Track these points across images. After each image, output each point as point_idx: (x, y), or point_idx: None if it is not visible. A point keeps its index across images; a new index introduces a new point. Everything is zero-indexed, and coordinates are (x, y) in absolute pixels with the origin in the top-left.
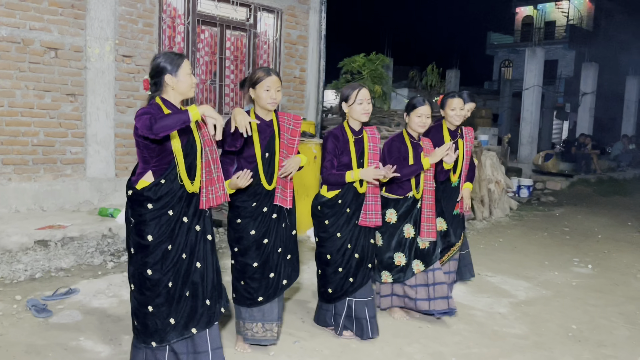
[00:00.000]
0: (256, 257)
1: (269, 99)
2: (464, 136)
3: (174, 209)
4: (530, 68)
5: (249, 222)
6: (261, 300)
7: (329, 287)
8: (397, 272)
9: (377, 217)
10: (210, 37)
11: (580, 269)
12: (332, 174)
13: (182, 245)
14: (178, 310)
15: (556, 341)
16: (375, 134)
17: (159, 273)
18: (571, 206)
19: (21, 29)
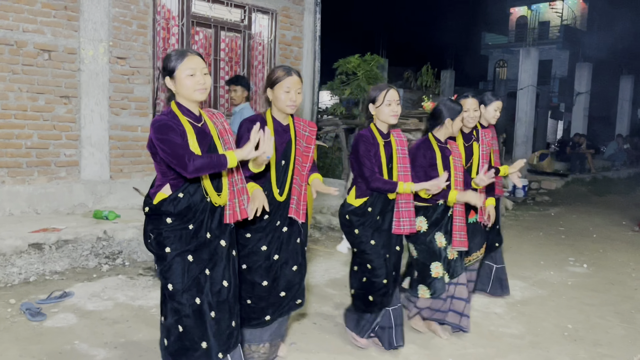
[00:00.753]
0: (266, 275)
1: (288, 101)
2: (480, 138)
3: (194, 223)
4: (525, 68)
5: (260, 236)
6: (268, 320)
7: (370, 296)
8: (434, 285)
9: (412, 223)
10: (205, 38)
11: (576, 268)
12: (379, 178)
13: (205, 261)
14: (207, 332)
15: (552, 341)
16: (402, 137)
17: (182, 285)
18: (566, 206)
19: (14, 31)
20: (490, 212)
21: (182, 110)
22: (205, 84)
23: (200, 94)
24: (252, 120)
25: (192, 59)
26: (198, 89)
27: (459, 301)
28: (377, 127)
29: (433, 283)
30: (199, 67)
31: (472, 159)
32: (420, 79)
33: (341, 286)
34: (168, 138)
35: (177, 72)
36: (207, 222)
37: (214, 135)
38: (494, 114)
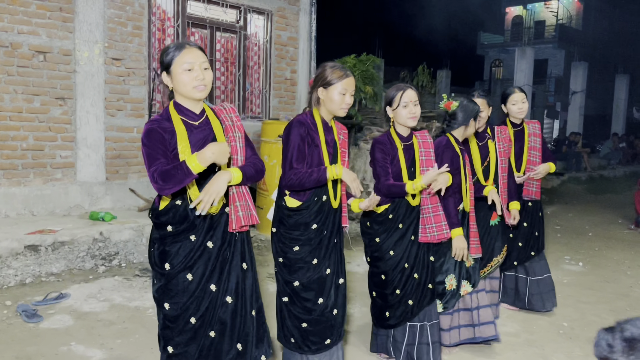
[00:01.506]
0: (321, 293)
1: (343, 104)
2: (496, 136)
3: (196, 233)
4: (521, 67)
5: (310, 249)
6: (328, 344)
7: (386, 311)
8: (448, 298)
9: (441, 229)
10: (200, 39)
11: (572, 266)
12: (389, 184)
13: (207, 275)
14: (200, 352)
15: (547, 338)
16: (427, 139)
17: (178, 307)
18: (562, 204)
19: (9, 33)
20: (514, 215)
21: (179, 110)
22: (205, 79)
23: (199, 91)
24: (300, 123)
25: (190, 51)
26: (196, 86)
27: (485, 309)
28: (397, 131)
29: (446, 296)
30: (197, 60)
31: (488, 157)
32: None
33: None
34: (150, 150)
35: (173, 66)
36: (208, 232)
37: (217, 133)
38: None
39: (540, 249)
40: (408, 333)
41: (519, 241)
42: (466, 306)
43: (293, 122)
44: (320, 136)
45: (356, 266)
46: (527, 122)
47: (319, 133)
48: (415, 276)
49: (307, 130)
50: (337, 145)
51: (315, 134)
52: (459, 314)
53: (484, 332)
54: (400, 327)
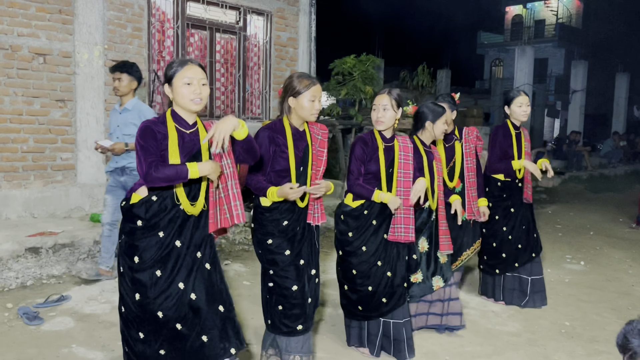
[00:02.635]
0: (295, 280)
1: (313, 110)
2: (464, 137)
3: (165, 230)
4: (521, 67)
5: (282, 242)
6: (301, 330)
7: (359, 305)
8: (414, 289)
9: (408, 231)
10: (200, 40)
11: (573, 265)
12: (358, 184)
13: (175, 272)
14: (170, 343)
15: (549, 338)
16: (407, 144)
17: (146, 301)
18: (563, 203)
19: (9, 35)
20: (483, 212)
21: (175, 118)
22: (202, 94)
23: (195, 104)
24: (269, 128)
25: (191, 68)
26: (193, 99)
27: (455, 302)
28: (381, 133)
29: (412, 288)
30: (197, 76)
31: (454, 158)
32: (417, 78)
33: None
34: (145, 145)
35: (175, 79)
36: (177, 231)
37: (202, 145)
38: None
39: (539, 250)
40: (382, 328)
41: (519, 243)
42: (440, 298)
43: (260, 129)
44: (289, 142)
45: None
46: (521, 128)
47: (287, 140)
48: (388, 274)
49: (274, 137)
50: (310, 148)
51: (283, 140)
52: (430, 305)
53: (451, 321)
54: (374, 321)
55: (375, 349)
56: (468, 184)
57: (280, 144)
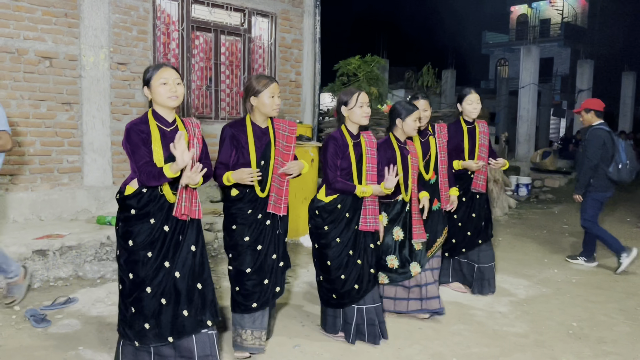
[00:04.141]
0: (250, 263)
1: (274, 105)
2: (436, 132)
3: (155, 217)
4: (526, 66)
5: (243, 228)
6: (255, 307)
7: (334, 294)
8: (392, 273)
9: (376, 221)
10: (205, 42)
11: (580, 265)
12: (340, 181)
13: (162, 253)
14: (155, 317)
15: (557, 339)
16: (372, 139)
17: (138, 278)
18: (570, 203)
19: (15, 39)
20: (452, 200)
21: (155, 116)
22: (177, 92)
23: (172, 100)
24: (230, 126)
25: (165, 70)
26: (170, 96)
27: (432, 286)
28: (348, 129)
29: (390, 272)
30: (171, 77)
31: (429, 152)
32: (421, 79)
33: None
34: (134, 148)
35: (152, 81)
36: (165, 217)
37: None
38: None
39: (488, 238)
40: (356, 314)
41: (468, 230)
42: (417, 283)
43: (224, 127)
44: (249, 139)
45: None
46: (477, 122)
47: (247, 136)
48: (358, 262)
49: (234, 134)
50: (272, 144)
51: (244, 137)
52: (409, 290)
53: (431, 305)
54: (348, 308)
55: (351, 336)
56: (441, 176)
57: (241, 140)
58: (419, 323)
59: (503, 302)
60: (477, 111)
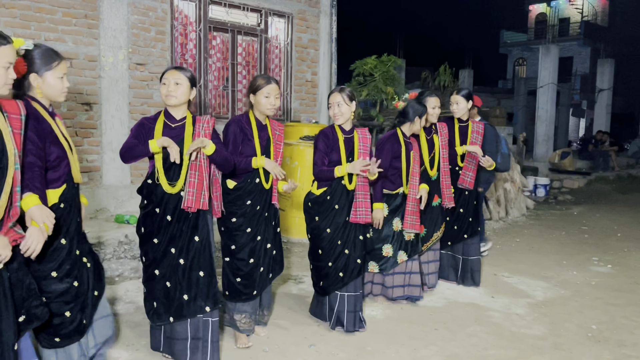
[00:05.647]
0: (251, 254)
1: (268, 105)
2: (438, 131)
3: (159, 207)
4: (545, 66)
5: (243, 220)
6: (255, 294)
7: (321, 281)
8: (383, 262)
9: (367, 213)
10: (222, 43)
11: (600, 268)
12: (322, 170)
13: (167, 240)
14: (161, 297)
15: (575, 342)
16: (366, 135)
17: (148, 261)
18: (589, 204)
19: (36, 40)
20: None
21: (166, 114)
22: (174, 92)
23: (169, 99)
24: (235, 120)
25: (169, 72)
26: (167, 95)
27: (415, 275)
28: (340, 125)
29: (383, 261)
30: (171, 77)
31: (434, 149)
32: (438, 78)
33: None
34: (130, 134)
35: (161, 82)
36: (168, 207)
37: (186, 136)
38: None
39: (474, 233)
40: (339, 301)
41: (455, 225)
42: (402, 270)
43: (230, 120)
44: (254, 132)
45: None
46: (472, 121)
47: (252, 130)
48: (346, 252)
49: (242, 128)
50: (271, 140)
51: (249, 130)
52: (393, 277)
53: (412, 291)
54: (332, 295)
55: (332, 322)
56: (443, 172)
57: (247, 133)
58: (435, 324)
59: (520, 304)
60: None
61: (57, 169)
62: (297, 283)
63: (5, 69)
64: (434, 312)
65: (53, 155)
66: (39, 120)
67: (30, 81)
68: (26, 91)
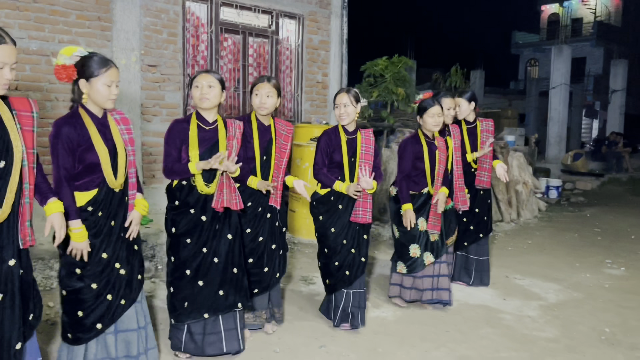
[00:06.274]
0: (251, 253)
1: (258, 103)
2: (452, 133)
3: (195, 207)
4: (557, 66)
5: (244, 222)
6: (256, 292)
7: (327, 279)
8: (411, 263)
9: (366, 214)
10: (233, 44)
11: (613, 270)
12: (322, 173)
13: (201, 240)
14: (192, 296)
15: (588, 344)
16: (370, 136)
17: (179, 260)
18: (602, 206)
19: (50, 42)
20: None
21: (198, 116)
22: (208, 94)
23: (202, 103)
24: (239, 119)
25: (201, 75)
26: (200, 98)
27: (444, 278)
28: (343, 127)
29: (411, 262)
30: (204, 81)
31: (447, 152)
32: (449, 80)
33: (371, 288)
34: (166, 144)
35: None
36: (203, 208)
37: (220, 138)
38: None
39: (488, 232)
40: (344, 298)
41: (471, 224)
42: (429, 273)
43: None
44: (254, 134)
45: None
46: (480, 120)
47: (252, 131)
48: (352, 251)
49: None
50: (273, 140)
51: (250, 131)
52: (423, 280)
53: (441, 295)
54: (338, 292)
55: (336, 320)
56: (456, 175)
57: (247, 135)
58: (447, 326)
59: (532, 306)
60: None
61: (89, 174)
62: (307, 284)
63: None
64: (445, 314)
65: (86, 162)
66: (75, 127)
67: (79, 87)
68: (77, 97)
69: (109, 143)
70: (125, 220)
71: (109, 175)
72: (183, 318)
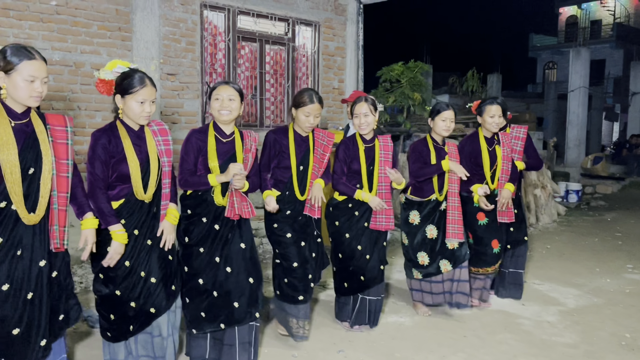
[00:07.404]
0: (295, 258)
1: (307, 123)
2: (501, 142)
3: (207, 217)
4: (576, 69)
5: (284, 226)
6: (302, 300)
7: (344, 282)
8: (423, 269)
9: (388, 220)
10: (250, 52)
11: (635, 275)
12: (342, 183)
13: (214, 249)
14: (207, 305)
15: (608, 350)
16: (388, 142)
17: (192, 270)
18: (623, 210)
19: (72, 53)
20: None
21: (215, 128)
22: (229, 107)
23: (223, 116)
24: (274, 132)
25: (221, 87)
26: (220, 110)
27: (464, 283)
28: (361, 135)
29: (422, 268)
30: (225, 93)
31: (496, 162)
32: (466, 84)
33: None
34: (184, 154)
35: (212, 96)
36: (215, 217)
37: (237, 150)
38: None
39: (526, 235)
40: (360, 302)
41: (511, 226)
42: (450, 277)
43: (269, 132)
44: (290, 145)
45: None
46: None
47: (289, 142)
48: (367, 257)
49: (277, 139)
50: (311, 150)
51: (286, 143)
52: (443, 284)
53: (459, 299)
54: (353, 297)
55: (351, 321)
56: (500, 187)
57: (282, 146)
58: (464, 331)
59: (551, 312)
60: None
61: (119, 185)
62: (324, 289)
63: (29, 82)
64: (463, 319)
65: (118, 173)
66: (110, 139)
67: (115, 102)
68: (115, 110)
69: (142, 156)
70: (154, 230)
71: (137, 187)
72: (203, 327)
